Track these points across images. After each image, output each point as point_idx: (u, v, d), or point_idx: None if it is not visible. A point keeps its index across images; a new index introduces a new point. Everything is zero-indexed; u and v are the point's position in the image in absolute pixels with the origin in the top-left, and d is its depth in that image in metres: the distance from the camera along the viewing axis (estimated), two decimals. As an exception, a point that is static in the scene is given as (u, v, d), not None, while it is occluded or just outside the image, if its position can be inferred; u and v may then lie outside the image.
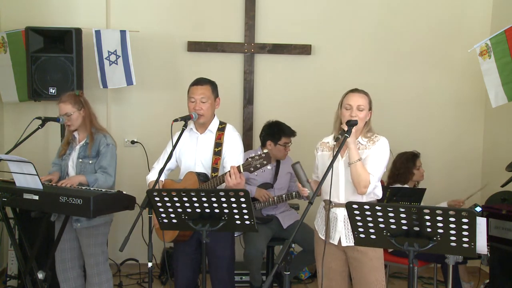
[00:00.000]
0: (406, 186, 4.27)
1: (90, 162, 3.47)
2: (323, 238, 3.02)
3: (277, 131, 4.25)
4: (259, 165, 2.97)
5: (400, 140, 4.50)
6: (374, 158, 2.92)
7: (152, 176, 3.42)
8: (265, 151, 2.99)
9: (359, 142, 2.98)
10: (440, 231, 2.32)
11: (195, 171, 3.28)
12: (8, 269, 4.47)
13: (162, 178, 3.28)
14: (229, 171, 3.01)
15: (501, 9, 5.08)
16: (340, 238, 2.95)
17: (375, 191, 2.95)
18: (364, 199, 2.91)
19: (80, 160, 3.48)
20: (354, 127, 2.85)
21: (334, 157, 2.75)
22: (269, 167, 4.25)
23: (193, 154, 3.36)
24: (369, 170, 2.88)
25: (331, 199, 2.92)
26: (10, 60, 4.69)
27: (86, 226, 3.41)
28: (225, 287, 3.35)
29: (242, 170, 3.00)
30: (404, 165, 4.32)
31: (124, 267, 4.94)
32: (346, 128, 2.83)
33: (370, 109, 3.01)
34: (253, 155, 3.02)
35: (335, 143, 2.93)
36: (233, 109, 5.08)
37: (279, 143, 4.24)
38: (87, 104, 3.56)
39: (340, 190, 2.96)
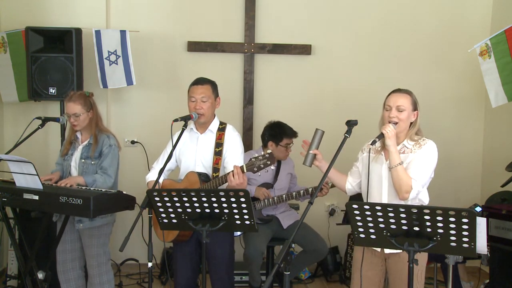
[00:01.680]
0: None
1: (93, 163, 3.47)
2: None
3: (278, 132, 4.24)
4: (262, 165, 2.97)
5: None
6: (419, 163, 2.79)
7: (151, 176, 3.43)
8: (269, 151, 2.99)
9: (405, 146, 2.87)
10: (440, 231, 2.32)
11: (195, 171, 3.29)
12: (8, 269, 4.48)
13: (162, 178, 3.28)
14: (232, 170, 3.01)
15: (501, 9, 5.08)
16: None
17: (420, 197, 2.83)
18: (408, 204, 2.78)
19: (83, 160, 3.48)
20: (394, 128, 2.76)
21: (335, 157, 2.73)
22: (272, 167, 4.26)
23: (193, 154, 3.36)
24: (411, 175, 2.75)
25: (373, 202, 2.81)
26: (10, 60, 4.69)
27: (89, 226, 3.41)
28: (224, 287, 3.35)
29: (245, 170, 3.00)
30: None
31: (124, 267, 4.94)
32: (384, 130, 2.76)
33: (415, 109, 2.89)
34: (256, 155, 3.02)
35: (372, 146, 2.85)
36: (233, 109, 5.08)
37: (280, 144, 4.23)
38: (95, 106, 3.56)
39: (383, 194, 2.87)
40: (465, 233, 2.29)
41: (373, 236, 2.47)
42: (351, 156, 3.18)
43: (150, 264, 2.93)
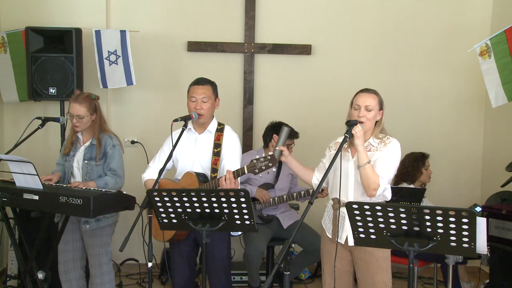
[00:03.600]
0: (412, 186, 4.26)
1: (97, 164, 3.46)
2: (330, 236, 3.01)
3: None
4: (264, 167, 2.99)
5: (400, 140, 4.48)
6: (385, 161, 2.88)
7: (148, 175, 3.43)
8: (270, 153, 3.00)
9: (370, 144, 2.95)
10: (440, 231, 2.32)
11: (193, 171, 3.29)
12: (8, 269, 4.47)
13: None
14: (225, 175, 3.04)
15: (501, 9, 5.08)
16: (347, 237, 2.92)
17: (385, 193, 2.90)
18: (373, 201, 2.86)
19: (86, 161, 3.47)
20: (362, 128, 2.83)
21: (335, 157, 2.74)
22: (273, 168, 4.26)
23: (191, 154, 3.36)
24: (378, 172, 2.83)
25: (340, 198, 2.89)
26: (10, 60, 4.69)
27: (95, 227, 3.41)
28: (222, 287, 3.36)
29: (246, 171, 3.02)
30: (413, 163, 4.30)
31: (124, 267, 4.94)
32: (354, 130, 2.81)
33: (381, 109, 2.97)
34: (258, 156, 3.04)
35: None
36: (233, 109, 5.08)
37: (281, 144, 4.23)
38: (100, 109, 3.55)
39: (349, 190, 2.93)
40: (465, 233, 2.29)
41: (373, 236, 2.47)
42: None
43: (150, 264, 2.93)
